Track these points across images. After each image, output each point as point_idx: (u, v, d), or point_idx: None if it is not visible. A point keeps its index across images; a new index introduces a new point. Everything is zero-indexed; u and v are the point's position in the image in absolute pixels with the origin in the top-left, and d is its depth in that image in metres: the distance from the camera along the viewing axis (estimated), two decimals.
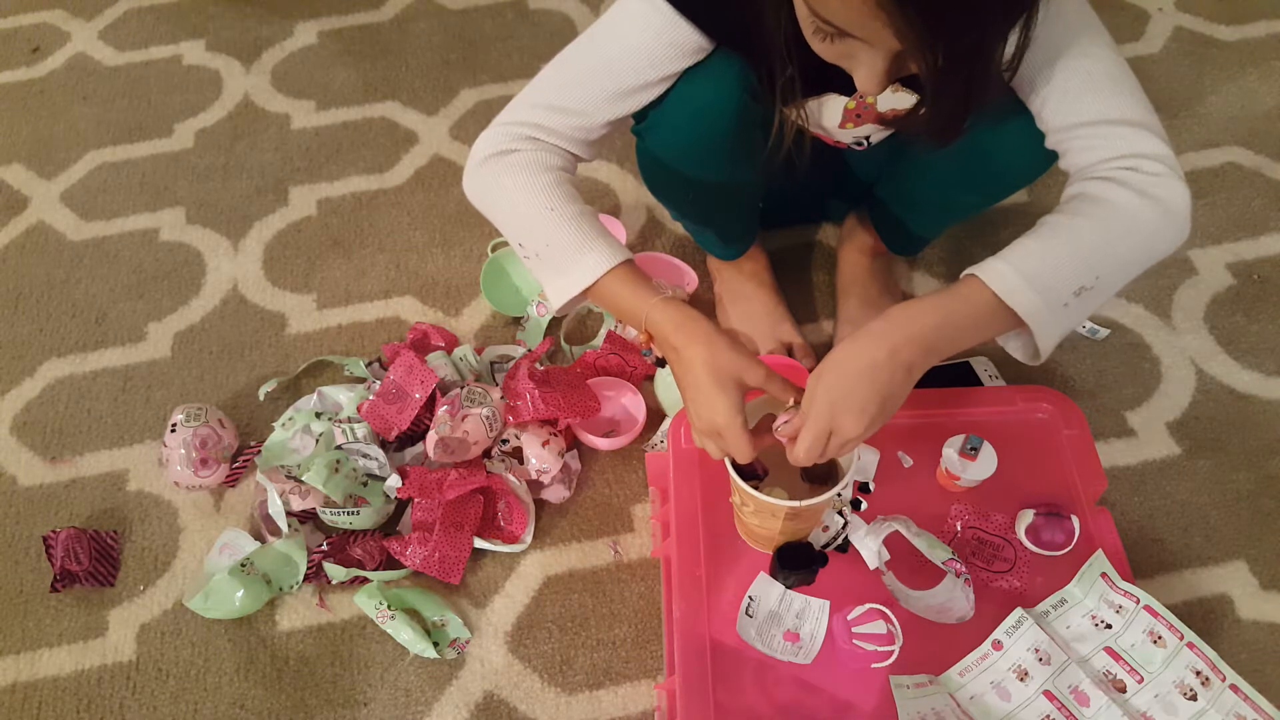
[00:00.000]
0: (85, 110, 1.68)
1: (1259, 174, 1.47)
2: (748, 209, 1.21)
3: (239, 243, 1.46)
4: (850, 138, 1.04)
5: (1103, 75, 0.85)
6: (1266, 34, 1.67)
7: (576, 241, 0.87)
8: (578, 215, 0.89)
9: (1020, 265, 0.80)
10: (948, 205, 1.15)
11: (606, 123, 0.93)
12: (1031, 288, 0.80)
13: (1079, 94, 0.85)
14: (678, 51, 0.89)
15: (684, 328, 0.84)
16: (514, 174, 0.91)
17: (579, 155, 0.95)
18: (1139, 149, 0.83)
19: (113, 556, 1.15)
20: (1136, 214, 0.82)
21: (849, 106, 0.98)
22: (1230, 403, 1.23)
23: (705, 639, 0.90)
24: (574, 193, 0.91)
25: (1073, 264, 0.81)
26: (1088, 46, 0.85)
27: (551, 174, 0.91)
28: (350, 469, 1.13)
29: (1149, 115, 0.85)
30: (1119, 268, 0.83)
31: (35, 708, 1.05)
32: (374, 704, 1.03)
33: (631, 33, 0.89)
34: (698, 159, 1.00)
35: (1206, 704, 0.85)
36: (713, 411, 0.81)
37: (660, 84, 0.92)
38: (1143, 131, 0.84)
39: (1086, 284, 0.82)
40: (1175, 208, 0.83)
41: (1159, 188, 0.82)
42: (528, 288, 1.35)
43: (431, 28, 1.78)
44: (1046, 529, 0.95)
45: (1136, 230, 0.82)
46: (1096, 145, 0.85)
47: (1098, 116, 0.85)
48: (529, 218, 0.90)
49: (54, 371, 1.33)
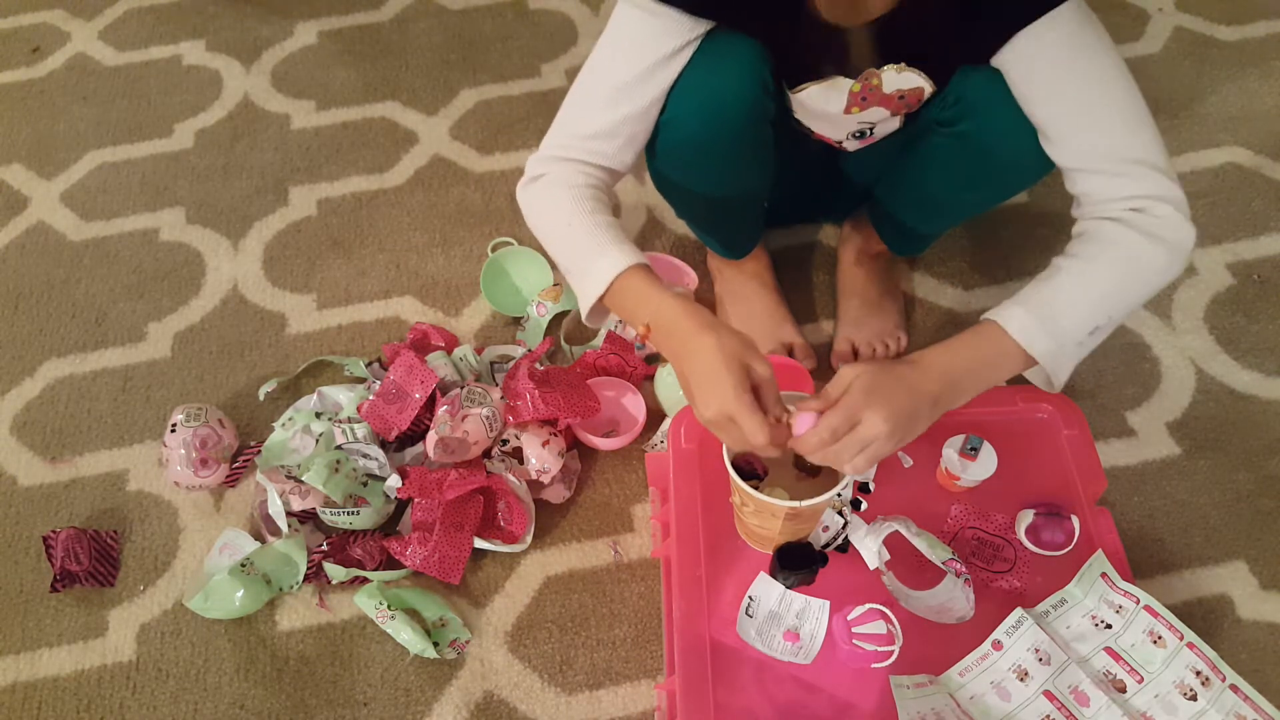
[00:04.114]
0: (85, 110, 1.68)
1: (1259, 174, 1.47)
2: (753, 210, 1.21)
3: (239, 243, 1.47)
4: (855, 124, 1.04)
5: (1120, 108, 0.87)
6: (1266, 34, 1.67)
7: (591, 250, 0.89)
8: (594, 226, 0.90)
9: (1038, 312, 0.85)
10: (949, 205, 1.15)
11: (613, 124, 0.94)
12: (1048, 333, 0.85)
13: (1099, 126, 0.88)
14: (662, 36, 0.90)
15: (694, 317, 0.83)
16: (540, 197, 0.95)
17: (607, 166, 0.96)
18: (1149, 190, 0.87)
19: (113, 556, 1.15)
20: (1146, 257, 0.86)
21: (854, 90, 0.98)
22: (1230, 403, 1.23)
23: (705, 639, 0.90)
24: (595, 205, 0.92)
25: (1087, 307, 0.86)
26: (1108, 74, 0.87)
27: (573, 190, 0.93)
28: (350, 469, 1.13)
29: (1161, 155, 0.88)
30: (1127, 306, 0.89)
31: (35, 708, 1.05)
32: (374, 704, 1.03)
33: (619, 32, 0.92)
34: (708, 155, 1.00)
35: (1206, 704, 0.85)
36: (722, 394, 0.79)
37: (655, 71, 0.92)
38: (1153, 173, 0.87)
39: (1099, 324, 0.87)
40: (1181, 249, 0.87)
41: (1167, 230, 0.86)
42: (528, 288, 1.35)
43: (431, 28, 1.79)
44: (1046, 529, 0.95)
45: (1145, 271, 0.87)
46: (1108, 182, 0.88)
47: (1110, 153, 0.87)
48: (554, 236, 0.94)
49: (54, 371, 1.33)
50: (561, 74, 1.68)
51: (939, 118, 1.01)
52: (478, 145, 1.58)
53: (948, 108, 0.99)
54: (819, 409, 0.80)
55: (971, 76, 0.95)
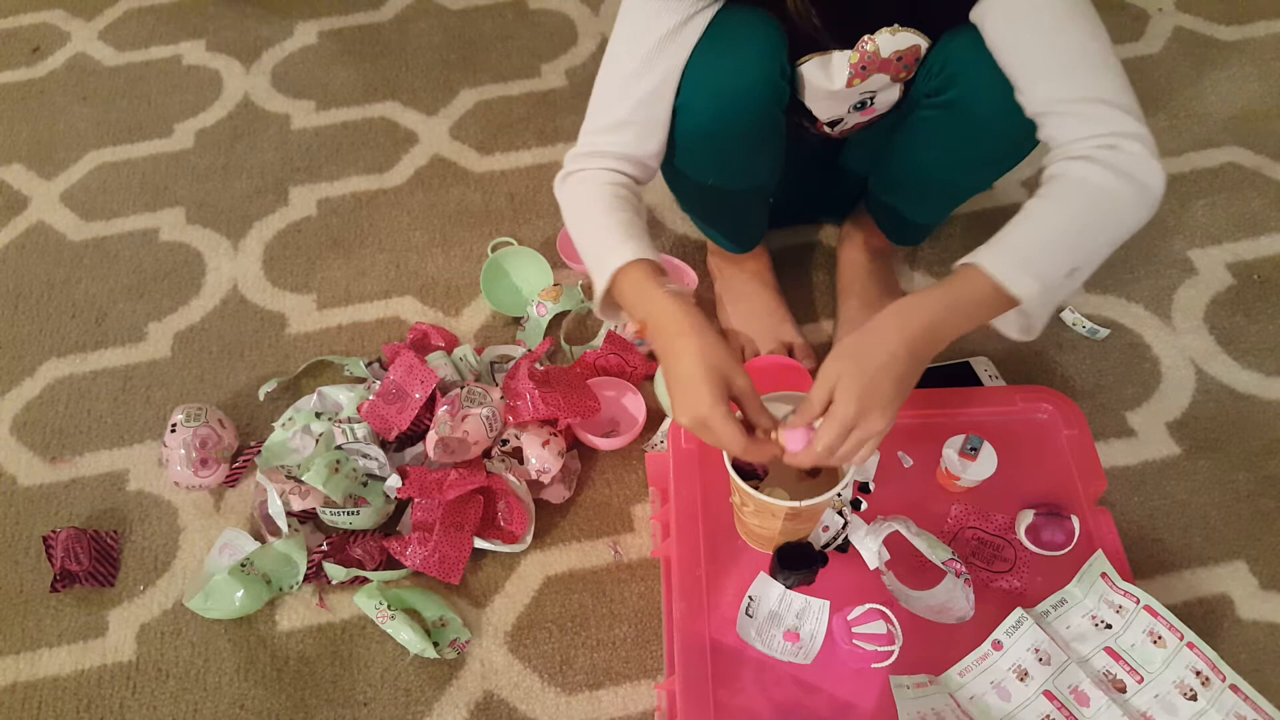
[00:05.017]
0: (85, 110, 1.68)
1: (1259, 174, 1.47)
2: (761, 202, 1.20)
3: (239, 243, 1.47)
4: (857, 95, 1.04)
5: (1081, 52, 0.87)
6: (1266, 34, 1.67)
7: (602, 245, 0.90)
8: (609, 224, 0.90)
9: (1016, 253, 0.83)
10: (943, 186, 1.15)
11: (634, 107, 0.94)
12: (1028, 273, 0.82)
13: (1060, 70, 0.87)
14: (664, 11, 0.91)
15: (682, 320, 0.83)
16: (569, 194, 0.97)
17: (632, 155, 0.96)
18: (1117, 128, 0.85)
19: (113, 556, 1.15)
20: (1118, 195, 0.85)
21: (853, 60, 0.98)
22: (1230, 403, 1.23)
23: (705, 639, 0.90)
24: (614, 202, 0.92)
25: (1063, 247, 0.84)
26: (1068, 20, 0.86)
27: (596, 187, 0.94)
28: (350, 469, 1.13)
29: (1128, 95, 0.87)
30: (1102, 246, 0.87)
31: (35, 708, 1.05)
32: (374, 704, 1.03)
33: (624, 18, 0.93)
34: (722, 142, 0.99)
35: (1206, 704, 0.85)
36: (697, 401, 0.80)
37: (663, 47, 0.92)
38: (1119, 112, 0.86)
39: (1076, 264, 0.85)
40: (1152, 187, 0.85)
41: (1138, 168, 0.85)
42: (528, 288, 1.35)
43: (431, 28, 1.78)
44: (1046, 529, 0.95)
45: (1118, 210, 0.85)
46: (1075, 123, 0.87)
47: (1076, 94, 0.86)
48: (577, 232, 0.96)
49: (54, 371, 1.33)
50: (561, 74, 1.68)
51: (927, 89, 1.01)
52: (478, 145, 1.58)
53: (933, 78, 0.99)
54: (807, 422, 0.80)
55: (953, 42, 0.96)
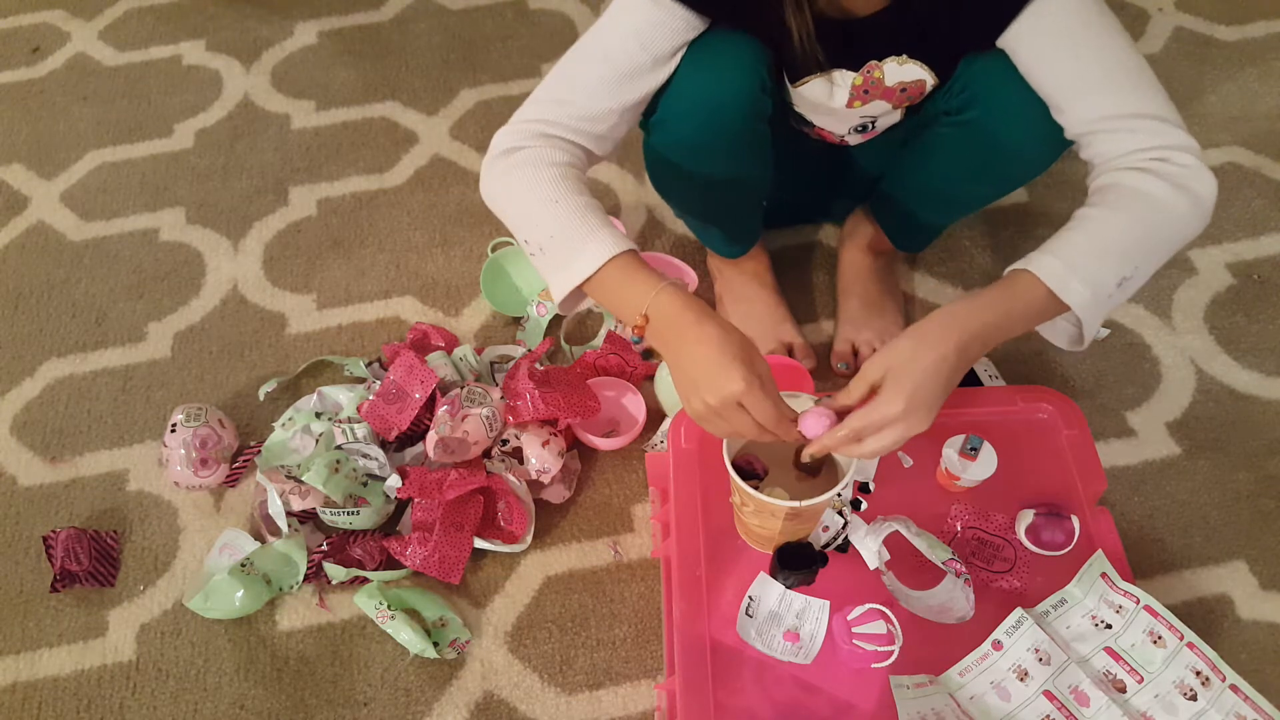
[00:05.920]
0: (85, 110, 1.68)
1: (1259, 174, 1.47)
2: (752, 206, 1.20)
3: (239, 243, 1.46)
4: (857, 118, 1.04)
5: (1122, 68, 0.87)
6: (1266, 34, 1.67)
7: (580, 232, 0.85)
8: (582, 207, 0.87)
9: (1070, 260, 0.83)
10: (956, 197, 1.15)
11: (609, 110, 0.92)
12: (1081, 281, 0.82)
13: (1103, 87, 0.87)
14: (667, 30, 0.90)
15: (697, 307, 0.82)
16: (519, 170, 0.90)
17: (589, 149, 0.94)
18: (1168, 142, 0.86)
19: (113, 556, 1.15)
20: (1172, 206, 0.84)
21: (856, 83, 0.98)
22: (1230, 403, 1.23)
23: (705, 639, 0.90)
24: (580, 186, 0.89)
25: (1116, 256, 0.84)
26: (1106, 38, 0.87)
27: (557, 168, 0.89)
28: (350, 469, 1.13)
29: (1171, 108, 0.87)
30: (1155, 257, 0.87)
31: (35, 708, 1.05)
32: (374, 704, 1.03)
33: (622, 18, 0.91)
34: (704, 154, 0.99)
35: (1206, 704, 0.85)
36: (728, 380, 0.78)
37: (656, 67, 0.92)
38: (1168, 125, 0.86)
39: (1127, 274, 0.85)
40: (1205, 199, 0.86)
41: (1191, 179, 0.85)
42: (528, 288, 1.35)
43: (431, 28, 1.78)
44: (1046, 529, 0.95)
45: (1172, 222, 0.85)
46: (1125, 137, 0.87)
47: (1123, 110, 0.87)
48: (532, 212, 0.89)
49: (54, 371, 1.33)
50: None
51: (945, 107, 1.01)
52: (478, 145, 1.58)
53: (954, 97, 0.99)
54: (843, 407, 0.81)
55: (976, 63, 0.95)
